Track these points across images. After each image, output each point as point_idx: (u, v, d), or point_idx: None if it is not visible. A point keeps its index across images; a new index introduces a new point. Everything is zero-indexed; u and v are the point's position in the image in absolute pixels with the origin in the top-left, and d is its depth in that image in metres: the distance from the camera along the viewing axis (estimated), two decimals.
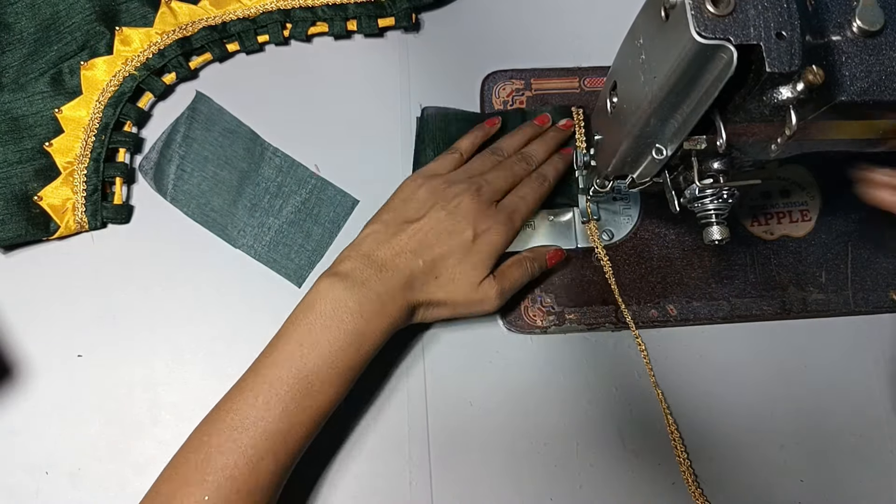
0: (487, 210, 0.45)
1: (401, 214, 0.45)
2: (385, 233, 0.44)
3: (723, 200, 0.39)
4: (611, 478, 0.47)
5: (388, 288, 0.42)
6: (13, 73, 0.50)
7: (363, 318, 0.41)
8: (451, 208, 0.44)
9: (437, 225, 0.44)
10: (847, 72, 0.31)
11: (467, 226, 0.44)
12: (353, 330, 0.40)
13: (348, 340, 0.40)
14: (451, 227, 0.44)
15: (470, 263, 0.44)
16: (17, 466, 0.46)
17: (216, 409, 0.40)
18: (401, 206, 0.46)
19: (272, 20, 0.52)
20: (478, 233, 0.44)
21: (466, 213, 0.44)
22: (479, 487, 0.47)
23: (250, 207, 0.51)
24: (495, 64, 0.55)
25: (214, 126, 0.52)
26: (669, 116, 0.34)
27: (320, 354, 0.40)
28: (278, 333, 0.42)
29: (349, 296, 0.41)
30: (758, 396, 0.49)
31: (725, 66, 0.29)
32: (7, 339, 0.48)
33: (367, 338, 0.41)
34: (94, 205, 0.49)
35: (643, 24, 0.33)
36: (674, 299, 0.51)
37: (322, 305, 0.41)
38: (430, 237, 0.44)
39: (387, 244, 0.43)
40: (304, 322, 0.41)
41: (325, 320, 0.40)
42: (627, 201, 0.53)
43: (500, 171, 0.48)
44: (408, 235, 0.44)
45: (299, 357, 0.40)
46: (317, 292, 0.42)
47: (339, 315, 0.40)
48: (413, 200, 0.46)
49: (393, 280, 0.42)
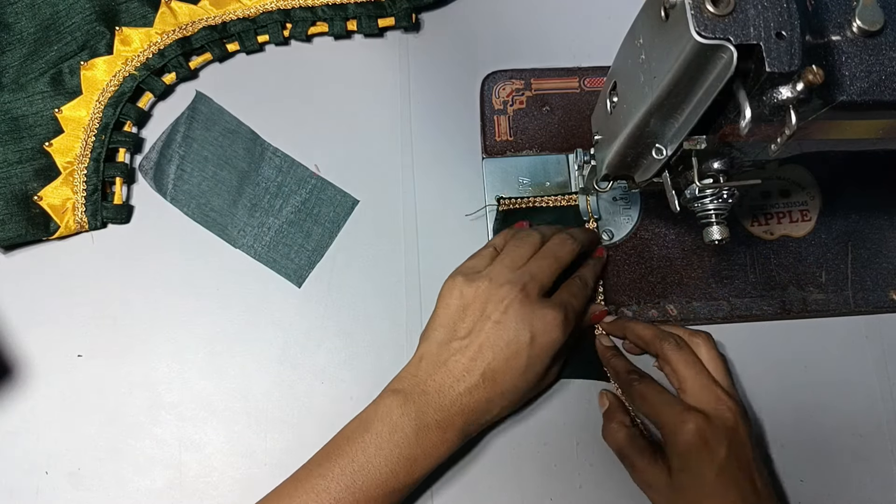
0: (541, 308, 0.42)
1: (450, 331, 0.43)
2: (438, 354, 0.42)
3: (723, 200, 0.39)
4: (611, 478, 0.47)
5: (446, 415, 0.41)
6: (13, 73, 0.50)
7: (419, 446, 0.40)
8: (498, 316, 0.42)
9: (491, 337, 0.42)
10: (847, 72, 0.31)
11: (523, 331, 0.42)
12: (409, 455, 0.40)
13: (401, 464, 0.40)
14: (507, 336, 0.42)
15: (533, 371, 0.43)
16: (17, 466, 0.46)
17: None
18: (448, 318, 0.43)
19: (272, 20, 0.52)
20: (534, 334, 0.42)
21: (518, 318, 0.42)
22: (479, 487, 0.47)
23: (250, 207, 0.51)
24: (495, 64, 0.55)
25: (214, 126, 0.52)
26: (669, 116, 0.34)
27: (371, 474, 0.39)
28: (331, 443, 0.41)
29: (406, 422, 0.40)
30: (758, 396, 0.49)
31: (725, 65, 0.29)
32: (7, 339, 0.48)
33: (420, 463, 0.40)
34: (94, 205, 0.49)
35: (643, 24, 0.33)
36: (674, 299, 0.51)
37: (379, 427, 0.40)
38: (486, 352, 0.42)
39: (443, 368, 0.42)
40: (360, 441, 0.40)
41: (381, 442, 0.40)
42: (627, 201, 0.53)
43: (542, 258, 0.45)
44: (462, 355, 0.42)
45: (350, 474, 0.39)
46: (374, 412, 0.41)
47: (394, 439, 0.40)
48: (459, 309, 0.43)
49: (453, 406, 0.41)
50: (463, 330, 0.43)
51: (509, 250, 0.46)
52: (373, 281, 0.50)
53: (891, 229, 0.53)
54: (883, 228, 0.53)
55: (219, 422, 0.47)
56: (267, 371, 0.49)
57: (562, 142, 0.53)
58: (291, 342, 0.49)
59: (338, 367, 0.49)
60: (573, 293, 0.46)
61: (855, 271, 0.52)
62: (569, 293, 0.45)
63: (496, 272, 0.44)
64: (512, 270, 0.44)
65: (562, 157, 0.53)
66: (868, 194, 0.53)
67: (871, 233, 0.52)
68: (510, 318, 0.42)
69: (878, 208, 0.53)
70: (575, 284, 0.47)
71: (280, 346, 0.49)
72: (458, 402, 0.41)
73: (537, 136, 0.53)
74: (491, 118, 0.53)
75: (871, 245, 0.52)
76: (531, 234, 0.47)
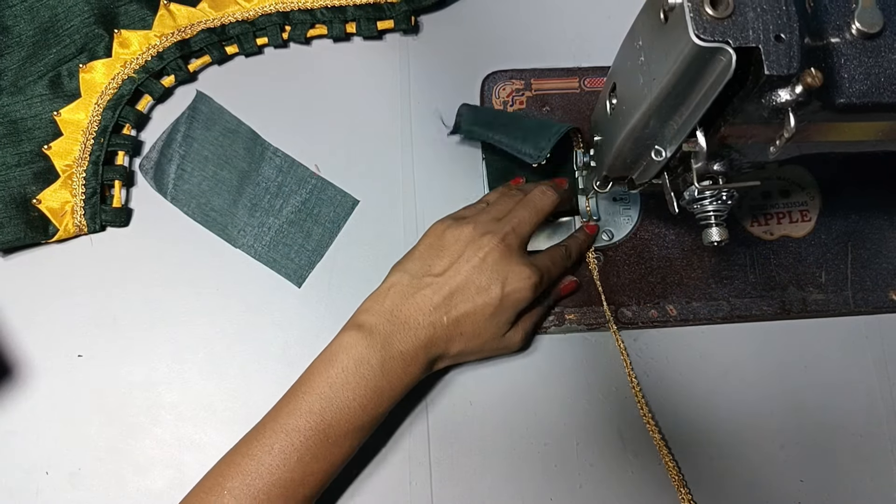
0: (517, 261, 0.43)
1: (426, 265, 0.43)
2: (409, 286, 0.43)
3: (722, 202, 0.39)
4: (611, 478, 0.47)
5: (411, 346, 0.41)
6: (11, 76, 0.50)
7: (384, 377, 0.41)
8: (477, 262, 0.42)
9: (464, 280, 0.42)
10: (846, 74, 0.31)
11: (496, 283, 0.42)
12: (374, 387, 0.40)
13: (368, 396, 0.40)
14: (479, 281, 0.42)
15: (496, 321, 0.43)
16: (17, 466, 0.46)
17: (233, 452, 0.40)
18: (426, 254, 0.44)
19: (271, 23, 0.52)
20: (506, 291, 0.42)
21: (494, 268, 0.42)
22: (479, 487, 0.47)
23: (250, 207, 0.51)
24: (495, 64, 0.55)
25: (215, 125, 0.52)
26: (668, 118, 0.34)
27: (339, 409, 0.40)
28: (298, 382, 0.42)
29: (372, 354, 0.41)
30: (758, 396, 0.49)
31: (724, 68, 0.29)
32: (7, 339, 0.48)
33: (386, 394, 0.41)
34: (92, 208, 0.49)
35: (642, 25, 0.33)
36: (674, 299, 0.51)
37: (345, 361, 0.41)
38: (455, 294, 0.42)
39: (411, 300, 0.42)
40: (325, 376, 0.40)
41: (347, 376, 0.40)
42: (627, 202, 0.52)
43: (524, 209, 0.46)
44: (432, 290, 0.42)
45: (318, 410, 0.40)
46: (339, 346, 0.41)
47: (360, 372, 0.40)
48: (438, 248, 0.44)
49: (416, 339, 0.42)
50: (438, 267, 0.43)
51: (496, 203, 0.47)
52: (373, 281, 0.50)
53: (891, 229, 0.53)
54: (883, 228, 0.53)
55: (219, 422, 0.48)
56: (267, 371, 0.49)
57: None
58: (291, 342, 0.49)
59: None
60: (554, 260, 0.47)
61: (855, 271, 0.52)
62: (550, 259, 0.47)
63: (480, 220, 0.45)
64: (495, 220, 0.45)
65: None
66: (868, 194, 0.53)
67: (871, 233, 0.52)
68: (487, 266, 0.43)
69: (878, 208, 0.53)
70: (558, 253, 0.48)
71: (280, 346, 0.49)
72: (421, 336, 0.42)
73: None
74: None
75: (871, 245, 0.52)
76: (522, 190, 0.48)
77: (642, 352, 0.50)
